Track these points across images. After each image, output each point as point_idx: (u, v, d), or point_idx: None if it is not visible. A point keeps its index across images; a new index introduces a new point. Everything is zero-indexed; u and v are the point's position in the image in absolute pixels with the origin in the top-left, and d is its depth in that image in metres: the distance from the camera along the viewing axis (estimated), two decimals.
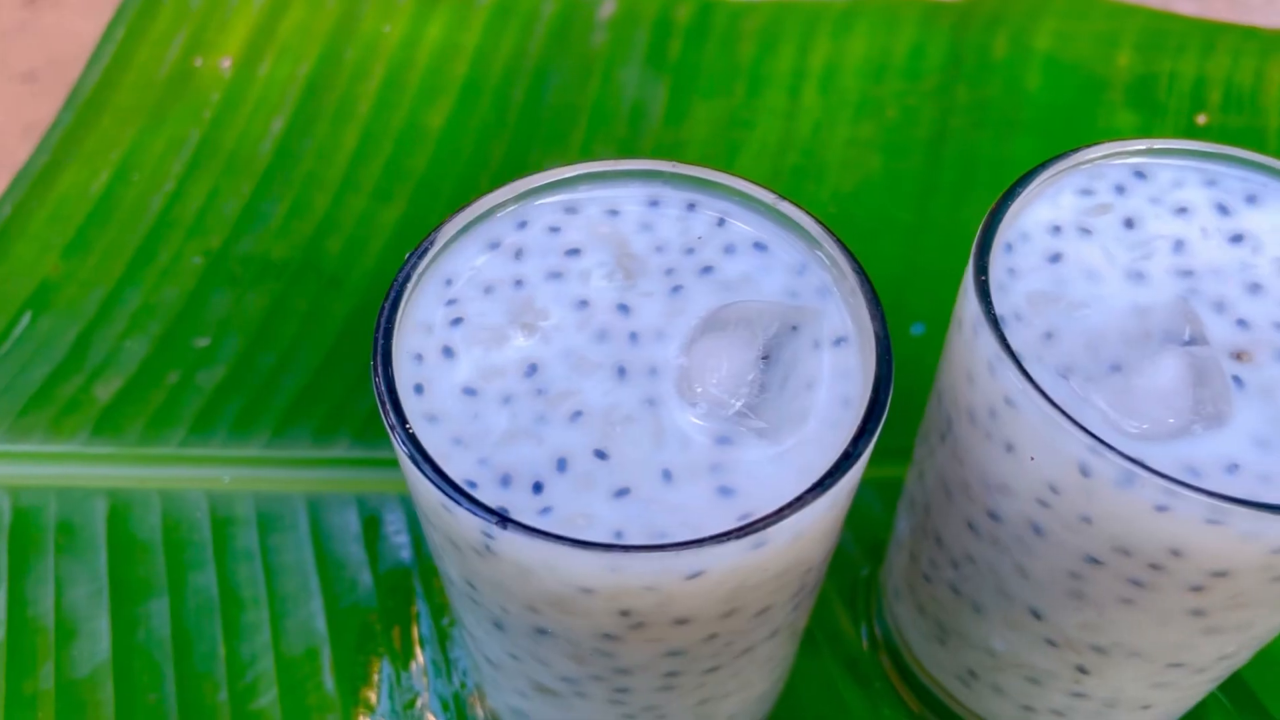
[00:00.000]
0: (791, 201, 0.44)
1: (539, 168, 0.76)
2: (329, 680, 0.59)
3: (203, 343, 0.70)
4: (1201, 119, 0.82)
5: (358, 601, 0.61)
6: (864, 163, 0.81)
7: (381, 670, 0.59)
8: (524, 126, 0.83)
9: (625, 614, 0.38)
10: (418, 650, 0.60)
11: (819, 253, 0.43)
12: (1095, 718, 0.51)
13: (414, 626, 0.60)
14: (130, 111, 0.82)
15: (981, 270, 0.42)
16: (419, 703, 0.58)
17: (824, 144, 0.82)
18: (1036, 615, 0.46)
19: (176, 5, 0.88)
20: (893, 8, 0.88)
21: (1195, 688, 0.49)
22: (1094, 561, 0.42)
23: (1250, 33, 0.87)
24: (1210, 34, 0.86)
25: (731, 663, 0.44)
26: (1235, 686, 0.59)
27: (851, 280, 0.42)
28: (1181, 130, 0.81)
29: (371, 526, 0.63)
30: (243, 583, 0.61)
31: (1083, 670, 0.48)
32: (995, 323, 0.41)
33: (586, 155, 0.82)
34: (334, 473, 0.65)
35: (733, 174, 0.45)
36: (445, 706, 0.58)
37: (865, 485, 0.66)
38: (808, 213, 0.44)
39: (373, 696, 0.59)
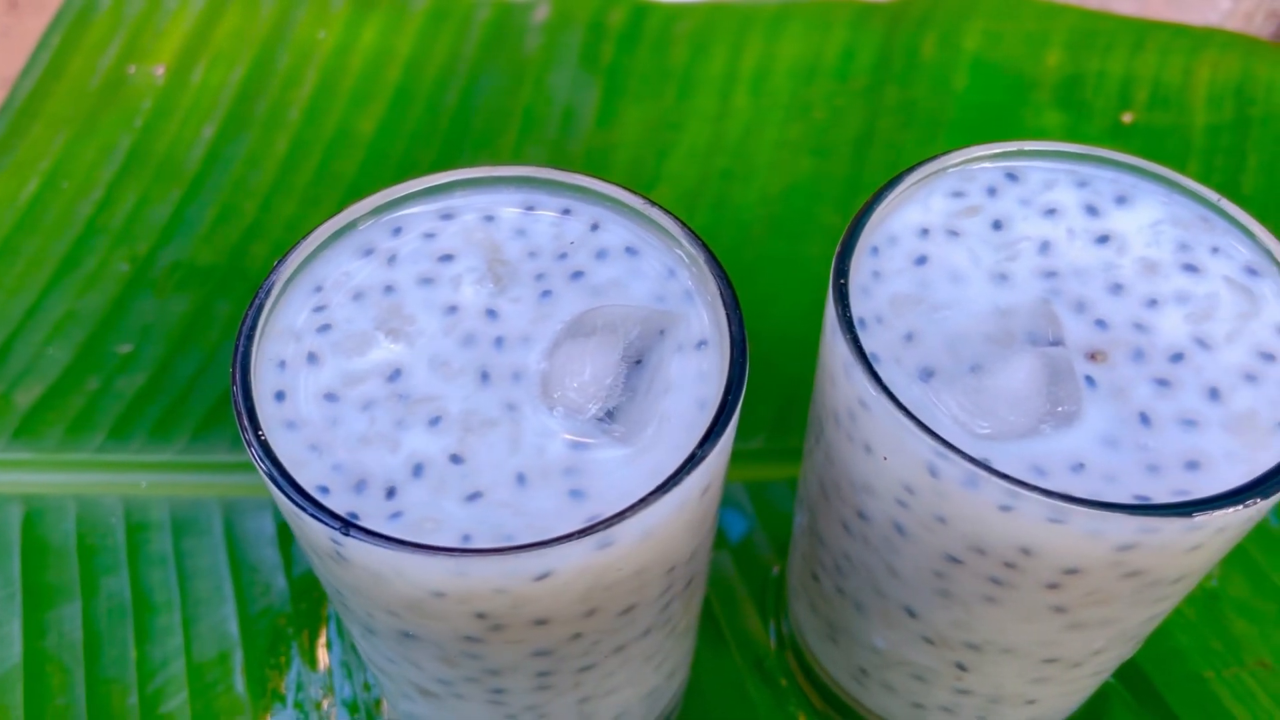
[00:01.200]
0: (661, 207, 0.45)
1: None
2: (240, 683, 0.59)
3: (125, 349, 0.71)
4: (1127, 117, 0.82)
5: (271, 605, 0.62)
6: (792, 165, 0.82)
7: (291, 673, 0.60)
8: (455, 131, 0.84)
9: (481, 616, 0.39)
10: (328, 653, 0.60)
11: (685, 257, 0.44)
12: (982, 714, 0.52)
13: (325, 630, 0.61)
14: (63, 120, 0.82)
15: (840, 274, 0.43)
16: (326, 705, 0.59)
17: (753, 146, 0.83)
18: (911, 614, 0.47)
19: (112, 13, 0.88)
20: (825, 9, 0.89)
21: (1077, 681, 0.50)
22: (954, 560, 0.42)
23: (1181, 30, 0.87)
24: (1140, 32, 0.87)
25: (605, 661, 0.45)
26: (1136, 680, 0.60)
27: (713, 285, 0.42)
28: (1107, 129, 0.82)
29: (286, 531, 0.64)
30: (156, 587, 0.62)
31: (962, 667, 0.48)
32: (849, 325, 0.41)
33: (517, 159, 0.83)
34: (250, 477, 0.65)
35: (606, 180, 0.46)
36: (353, 709, 0.59)
37: (776, 484, 0.67)
38: (676, 219, 0.44)
39: (282, 699, 0.59)
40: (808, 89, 0.85)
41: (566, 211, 0.46)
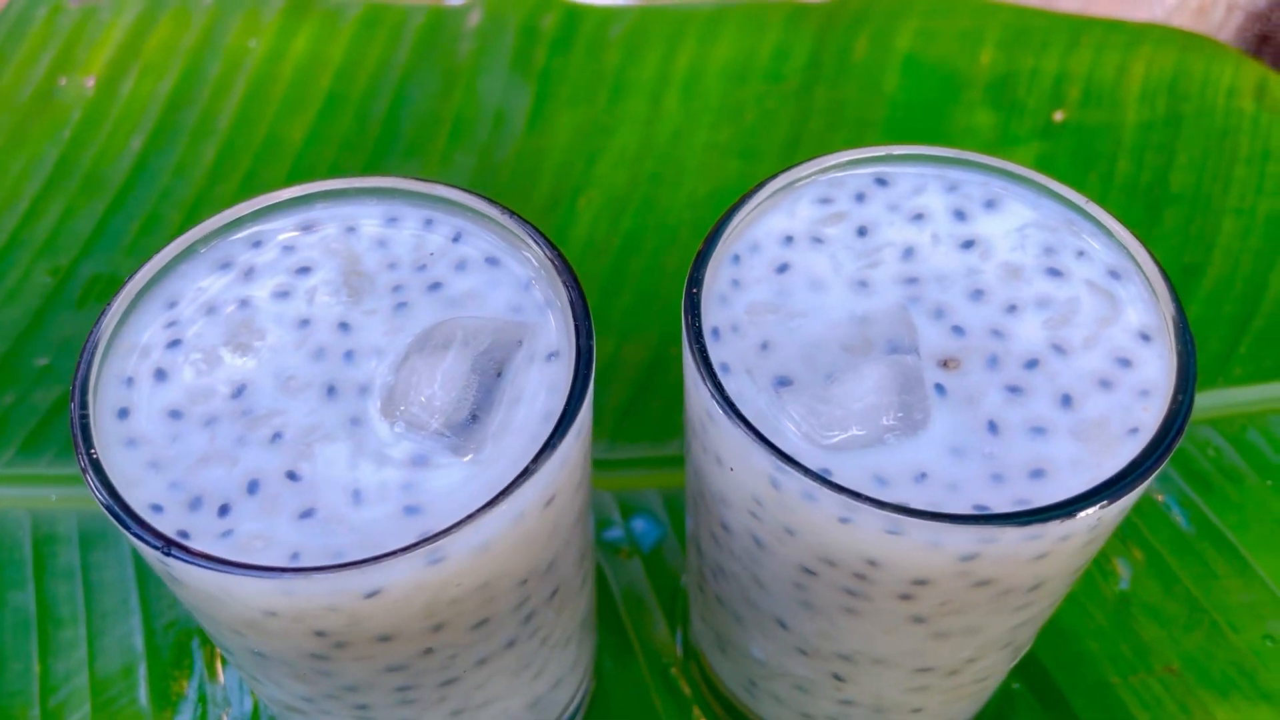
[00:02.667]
0: (520, 218, 0.44)
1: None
2: (143, 696, 0.59)
3: (42, 362, 0.71)
4: (1059, 115, 0.81)
5: (176, 619, 0.62)
6: (720, 168, 0.81)
7: (193, 686, 0.60)
8: (385, 138, 0.84)
9: (321, 634, 0.39)
10: (226, 668, 0.60)
11: (543, 268, 0.44)
12: None
13: None
14: None
15: (693, 284, 0.42)
16: (225, 718, 0.59)
17: (682, 150, 0.82)
18: (782, 625, 0.47)
19: (46, 25, 0.88)
20: (760, 10, 0.88)
21: (960, 689, 0.49)
22: (809, 572, 0.42)
23: (1116, 26, 0.86)
24: (1075, 29, 0.86)
25: (469, 674, 0.45)
26: (1044, 686, 0.59)
27: (564, 295, 0.42)
28: (1038, 127, 0.81)
29: None
30: (62, 600, 0.62)
31: (839, 678, 0.48)
32: (697, 336, 0.41)
33: (446, 165, 0.83)
34: None
35: (468, 191, 0.45)
36: None
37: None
38: (535, 229, 0.44)
39: (184, 712, 0.59)
40: (739, 91, 0.85)
41: (429, 222, 0.46)
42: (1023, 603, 0.42)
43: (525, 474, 0.37)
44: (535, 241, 0.43)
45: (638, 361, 0.72)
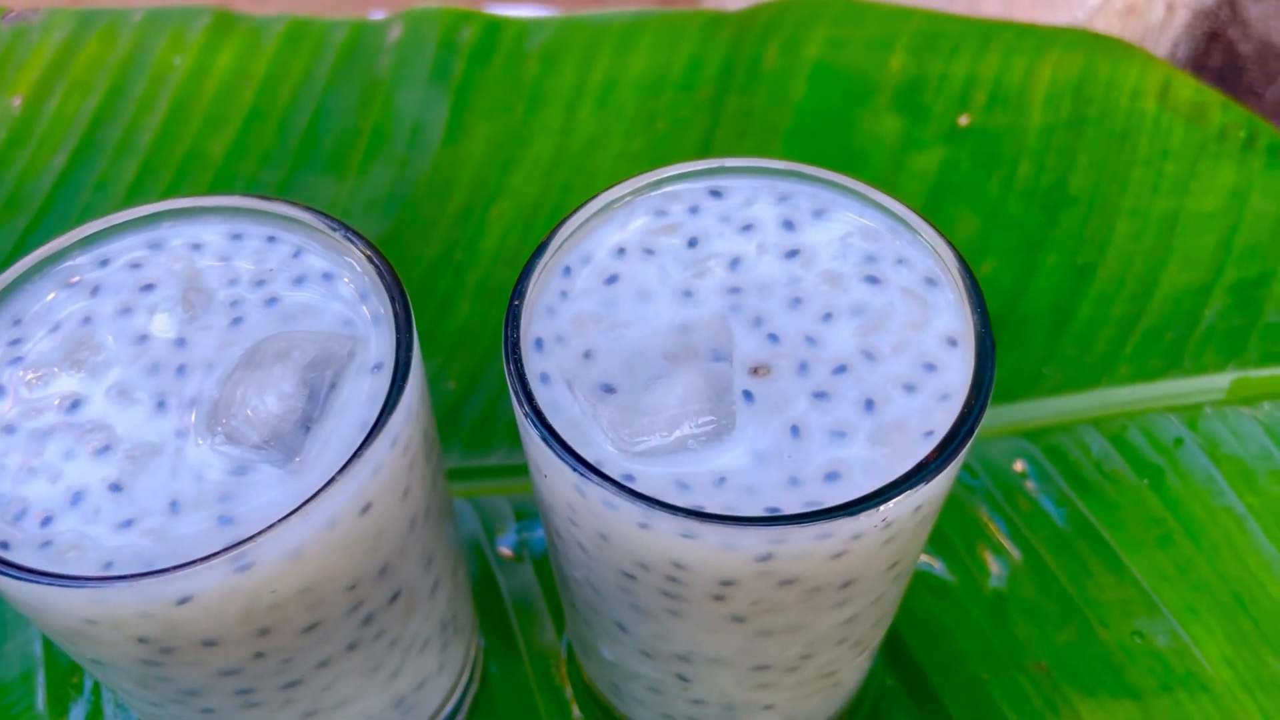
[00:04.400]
0: (354, 231, 0.46)
1: (315, 191, 0.78)
2: (40, 701, 0.61)
3: None
4: (964, 120, 0.82)
5: None
6: (631, 176, 0.82)
7: (88, 691, 0.61)
8: (304, 151, 0.85)
9: (144, 641, 0.40)
10: None
11: (372, 282, 0.45)
12: None
13: None
14: None
15: (516, 296, 0.44)
16: None
17: (595, 159, 0.84)
18: (622, 628, 0.48)
19: None
20: (676, 21, 0.90)
21: (806, 685, 0.50)
22: (628, 576, 0.43)
23: (1027, 30, 0.87)
24: (986, 34, 0.87)
25: (313, 676, 0.46)
26: (916, 682, 0.60)
27: (388, 308, 0.44)
28: (943, 132, 0.82)
29: None
30: None
31: (683, 679, 0.49)
32: (513, 347, 0.42)
33: (364, 177, 0.84)
34: None
35: (307, 208, 0.47)
36: None
37: None
38: (367, 242, 0.45)
39: (78, 718, 0.60)
40: (654, 101, 0.86)
41: (271, 239, 0.47)
42: (839, 599, 0.43)
43: (331, 482, 0.39)
44: (367, 256, 0.45)
45: None
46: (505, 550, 0.67)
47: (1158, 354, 0.69)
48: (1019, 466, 0.66)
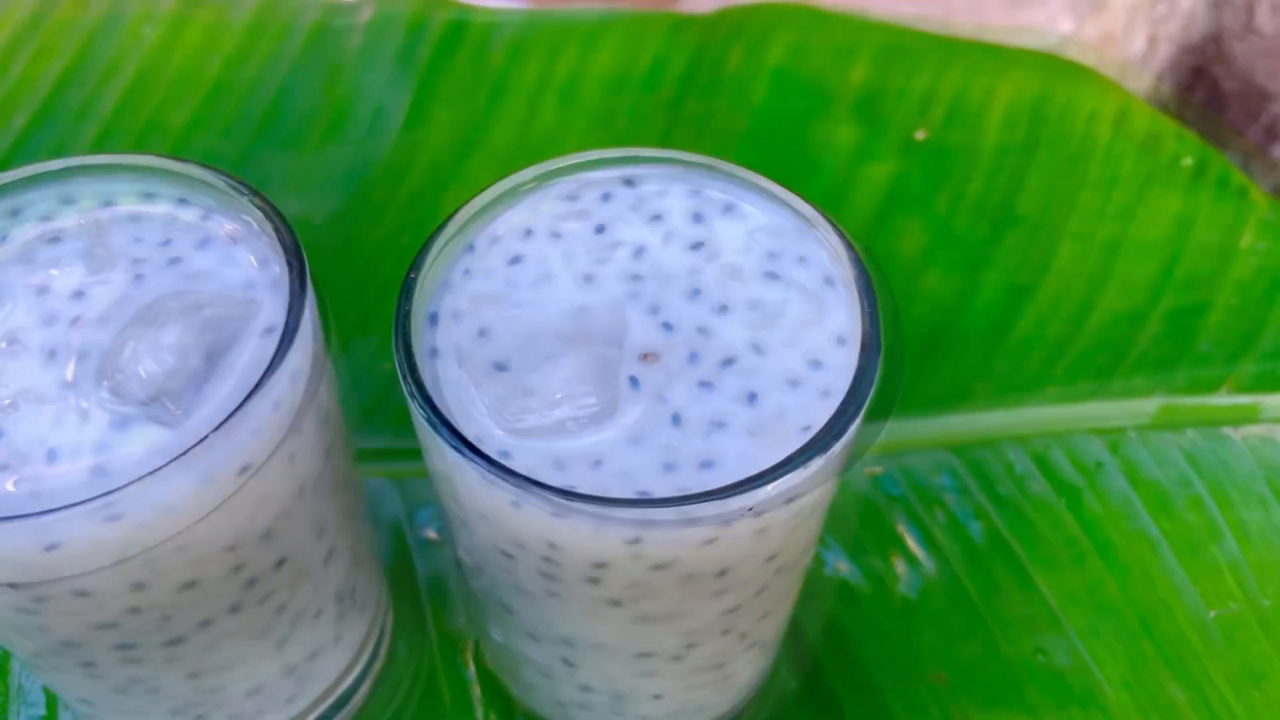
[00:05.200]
0: (262, 198, 0.46)
1: (271, 166, 0.78)
2: None
3: None
4: (920, 134, 0.83)
5: None
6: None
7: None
8: (265, 127, 0.85)
9: (14, 586, 0.40)
10: None
11: (276, 248, 0.45)
12: (617, 711, 0.53)
13: None
14: None
15: (414, 268, 0.44)
16: (22, 682, 0.60)
17: (552, 152, 0.82)
18: (507, 609, 0.48)
19: None
20: (644, 22, 0.90)
21: (695, 675, 0.50)
22: (507, 555, 0.43)
23: (991, 50, 0.88)
24: (950, 51, 0.87)
25: (194, 635, 0.46)
26: (818, 685, 0.60)
27: (285, 274, 0.44)
28: (897, 144, 0.82)
29: None
30: None
31: (569, 663, 0.49)
32: (402, 319, 0.42)
33: (322, 156, 0.85)
34: None
35: (217, 170, 0.47)
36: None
37: None
38: (273, 208, 0.46)
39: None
40: (615, 99, 0.86)
41: (182, 201, 0.48)
42: (717, 589, 0.43)
43: (205, 439, 0.39)
44: (271, 222, 0.45)
45: None
46: (429, 533, 0.67)
47: (1088, 376, 0.70)
48: (941, 479, 0.66)
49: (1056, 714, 0.58)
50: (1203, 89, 1.31)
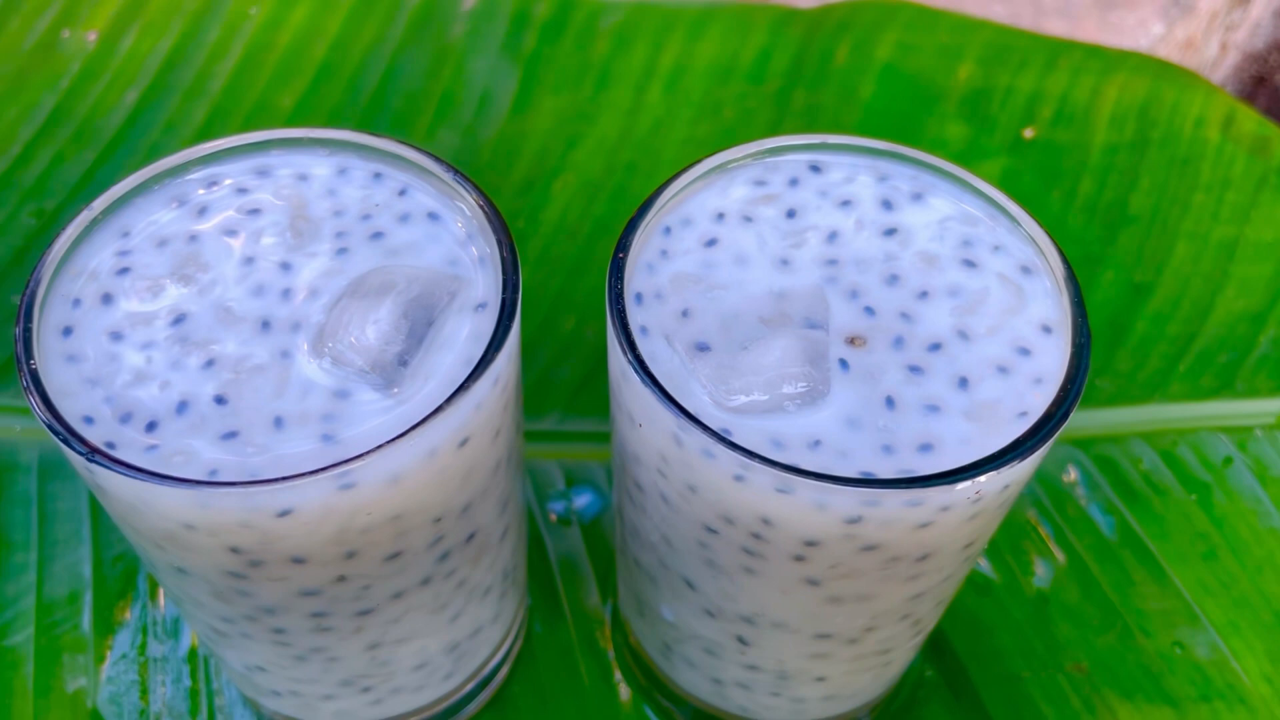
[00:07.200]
0: (464, 176, 0.46)
1: None
2: (86, 622, 0.61)
3: (18, 299, 0.73)
4: (1029, 133, 0.83)
5: (126, 551, 0.64)
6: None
7: (135, 616, 0.62)
8: (372, 110, 0.86)
9: (236, 551, 0.41)
10: (169, 601, 0.62)
11: (479, 224, 0.46)
12: (776, 690, 0.53)
13: None
14: None
15: (620, 249, 0.44)
16: (163, 649, 0.61)
17: (660, 142, 0.84)
18: (690, 585, 0.48)
19: None
20: (747, 13, 0.91)
21: (862, 659, 0.51)
22: (711, 530, 0.44)
23: (1095, 51, 0.88)
24: (1054, 51, 0.88)
25: (385, 607, 0.46)
26: (955, 674, 0.61)
27: (495, 251, 0.44)
28: (1007, 143, 0.83)
29: None
30: (16, 526, 0.64)
31: (743, 641, 0.50)
32: (616, 298, 0.43)
33: (430, 141, 0.85)
34: None
35: (415, 147, 0.47)
36: (191, 656, 0.61)
37: None
38: (474, 185, 0.46)
39: (124, 641, 0.61)
40: (721, 89, 0.87)
41: (377, 175, 0.48)
42: (913, 573, 0.44)
43: (438, 410, 0.39)
44: (474, 199, 0.46)
45: (596, 340, 0.74)
46: (553, 514, 0.67)
47: (1210, 374, 0.70)
48: (1069, 474, 0.67)
49: (1199, 706, 0.58)
50: (1264, 96, 1.32)
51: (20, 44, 0.87)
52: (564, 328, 0.74)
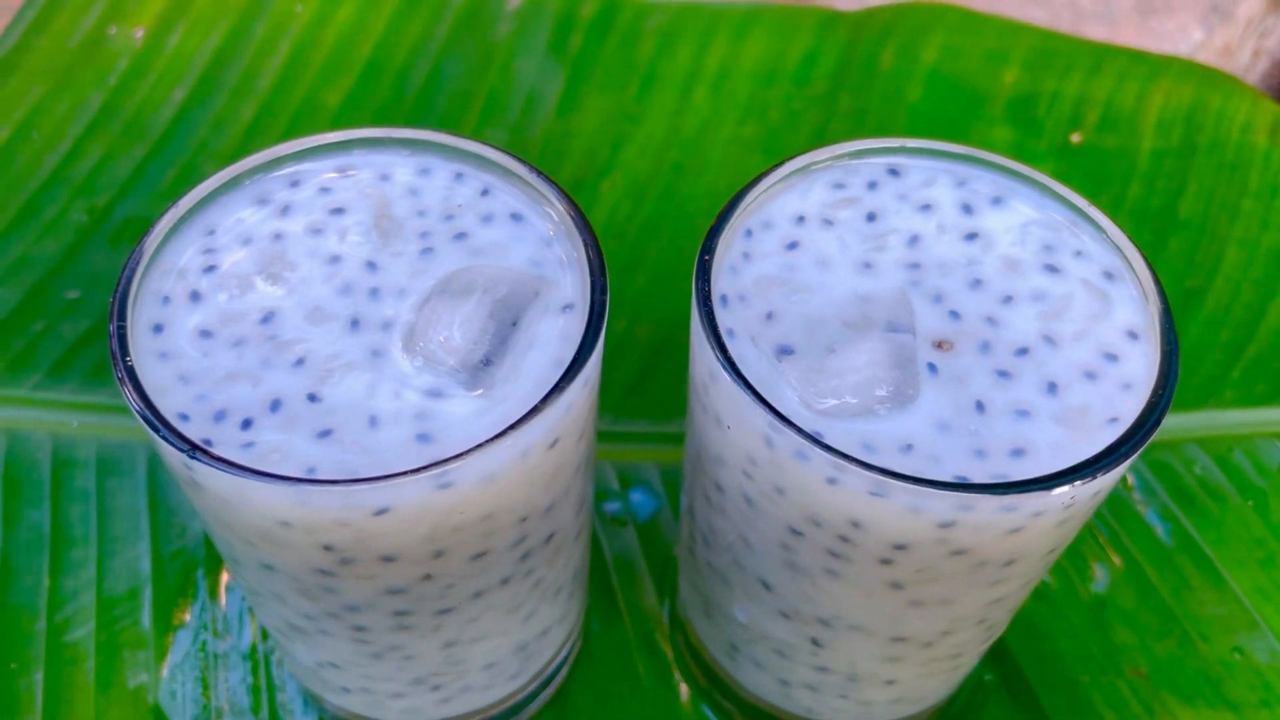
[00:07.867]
0: (546, 177, 0.47)
1: None
2: (146, 618, 0.62)
3: (73, 295, 0.73)
4: (1076, 137, 0.83)
5: (185, 547, 0.64)
6: (743, 162, 0.83)
7: (195, 612, 0.62)
8: (419, 109, 0.86)
9: (329, 549, 0.41)
10: (229, 596, 0.62)
11: (564, 226, 0.46)
12: (844, 692, 0.53)
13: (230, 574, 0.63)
14: (40, 74, 0.85)
15: (705, 251, 0.44)
16: (225, 645, 0.61)
17: (707, 143, 0.84)
18: (766, 586, 0.48)
19: None
20: (792, 15, 0.91)
21: (934, 663, 0.51)
22: (796, 532, 0.44)
23: (1139, 57, 0.88)
24: (1099, 56, 0.88)
25: (465, 606, 0.47)
26: (1014, 679, 0.61)
27: (582, 252, 0.44)
28: (1054, 147, 0.83)
29: None
30: (75, 522, 0.64)
31: (816, 643, 0.50)
32: (705, 300, 0.43)
33: (477, 140, 0.85)
34: None
35: (497, 148, 0.48)
36: (250, 653, 0.61)
37: None
38: (559, 188, 0.46)
39: (184, 637, 0.61)
40: (767, 91, 0.87)
41: (459, 176, 0.48)
42: (997, 578, 0.44)
43: (533, 412, 0.39)
44: (559, 201, 0.46)
45: (648, 341, 0.74)
46: (608, 514, 0.67)
47: (1264, 381, 0.70)
48: (1125, 479, 0.67)
49: (1260, 712, 0.58)
50: None
51: (67, 40, 0.87)
52: (615, 329, 0.74)
